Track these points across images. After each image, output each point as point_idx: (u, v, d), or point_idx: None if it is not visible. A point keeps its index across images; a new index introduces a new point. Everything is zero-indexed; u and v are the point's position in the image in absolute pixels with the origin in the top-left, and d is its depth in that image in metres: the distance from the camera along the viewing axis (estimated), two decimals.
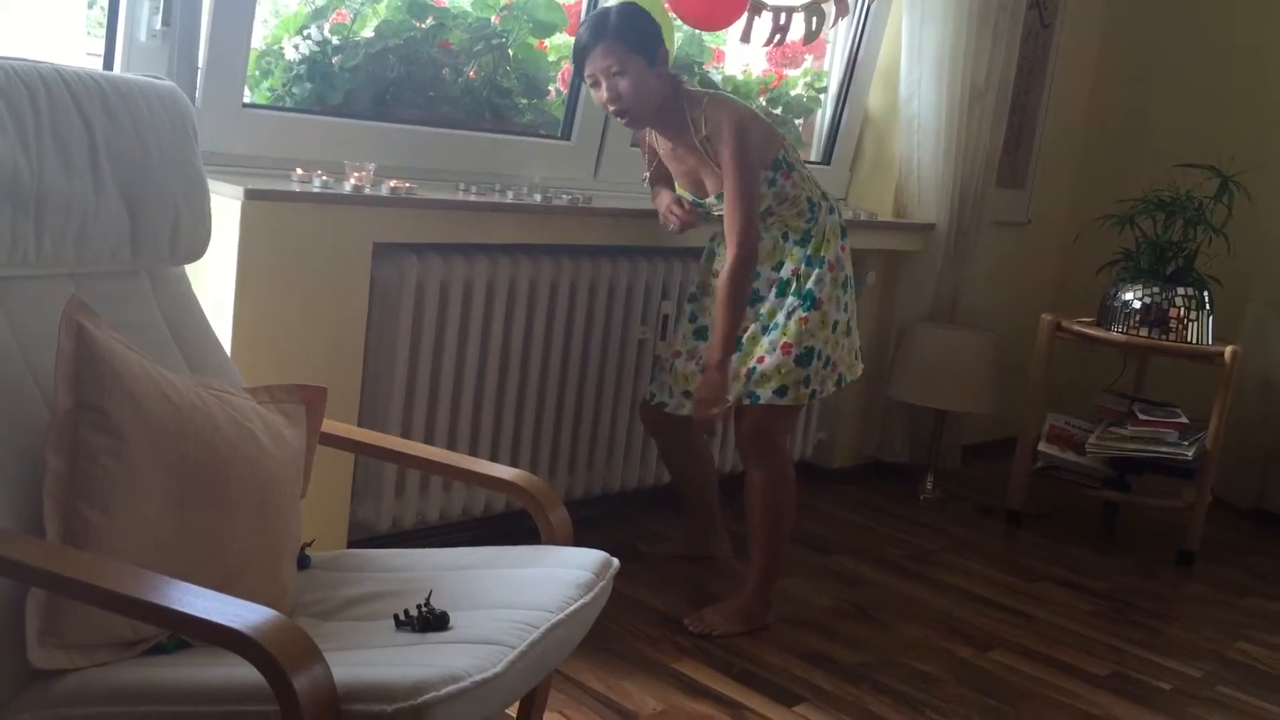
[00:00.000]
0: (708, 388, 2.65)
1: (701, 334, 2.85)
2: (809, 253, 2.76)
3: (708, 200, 2.79)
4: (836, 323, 2.78)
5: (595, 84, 2.62)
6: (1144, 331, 3.61)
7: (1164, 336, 3.59)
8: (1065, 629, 3.01)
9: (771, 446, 2.76)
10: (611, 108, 2.62)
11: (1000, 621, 3.01)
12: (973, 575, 3.32)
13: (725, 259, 2.68)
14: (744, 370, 2.73)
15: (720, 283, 2.68)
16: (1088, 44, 4.58)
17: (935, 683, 2.61)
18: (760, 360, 2.71)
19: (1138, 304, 3.63)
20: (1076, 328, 3.74)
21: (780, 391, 2.70)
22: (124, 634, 1.44)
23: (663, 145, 2.80)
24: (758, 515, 2.76)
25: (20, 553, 1.33)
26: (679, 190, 2.85)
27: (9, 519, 1.45)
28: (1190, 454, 3.57)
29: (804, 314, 2.72)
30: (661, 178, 2.90)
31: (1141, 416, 3.68)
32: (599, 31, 2.57)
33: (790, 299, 2.74)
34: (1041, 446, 3.79)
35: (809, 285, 2.74)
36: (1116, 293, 3.70)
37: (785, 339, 2.71)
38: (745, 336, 2.74)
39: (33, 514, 1.45)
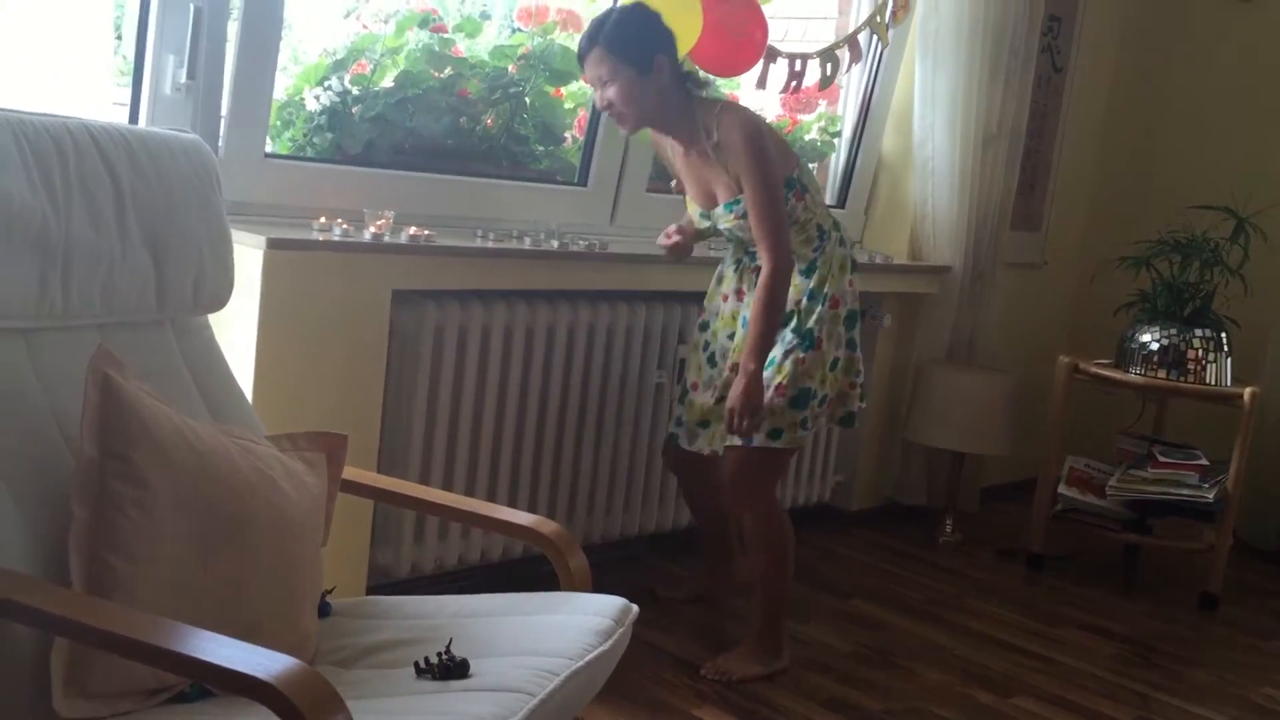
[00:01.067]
0: (738, 395, 2.56)
1: (713, 361, 2.83)
2: (812, 285, 2.70)
3: (715, 211, 2.70)
4: (836, 360, 2.72)
5: (594, 86, 2.62)
6: (1162, 373, 3.60)
7: (1182, 378, 3.58)
8: (1088, 674, 2.99)
9: (760, 489, 2.71)
10: (605, 113, 2.63)
11: (1022, 666, 2.99)
12: (993, 619, 3.30)
13: (760, 271, 2.60)
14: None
15: (757, 291, 2.59)
16: (1100, 87, 4.61)
17: None
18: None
19: (1155, 345, 3.62)
20: (1094, 369, 3.73)
21: (774, 434, 2.63)
22: (148, 683, 1.45)
23: (676, 153, 2.74)
24: (756, 558, 2.73)
25: (46, 602, 1.34)
26: (690, 206, 2.80)
27: (34, 566, 1.46)
28: (1211, 496, 3.55)
29: (801, 354, 2.65)
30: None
31: (1161, 459, 3.67)
32: (593, 38, 2.57)
33: (788, 334, 2.67)
34: (1061, 489, 3.78)
35: (809, 323, 2.67)
36: (1134, 334, 3.69)
37: (780, 379, 2.63)
38: (736, 351, 2.72)
39: (57, 562, 1.46)
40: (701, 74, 2.76)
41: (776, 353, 2.66)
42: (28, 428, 1.56)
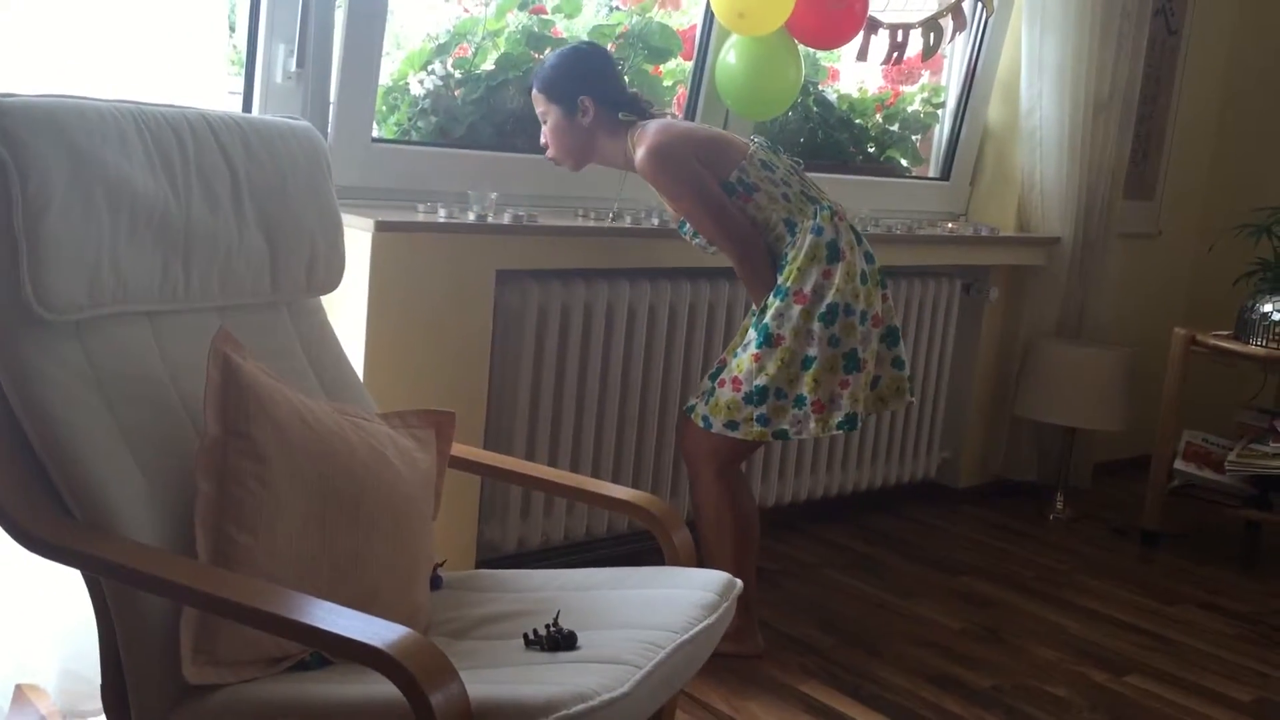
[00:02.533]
0: None
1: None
2: (779, 281, 2.52)
3: (686, 226, 2.64)
4: (810, 358, 2.47)
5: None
6: None
7: None
8: (1206, 653, 2.91)
9: (713, 465, 2.57)
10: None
11: (1137, 645, 2.92)
12: (1107, 597, 3.23)
13: None
14: (710, 386, 2.58)
15: None
16: (1217, 49, 4.44)
17: (1069, 708, 2.55)
18: (721, 384, 2.54)
19: (1278, 316, 3.49)
20: (1213, 341, 3.62)
21: (731, 425, 2.50)
22: (270, 651, 1.51)
23: None
24: (702, 531, 2.60)
25: (175, 573, 1.40)
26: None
27: (164, 540, 1.53)
28: None
29: (755, 350, 2.49)
30: None
31: None
32: (532, 79, 2.62)
33: (751, 331, 2.54)
34: (1178, 464, 3.67)
35: (766, 319, 2.50)
36: (1255, 305, 3.57)
37: (736, 373, 2.51)
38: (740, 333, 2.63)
39: (184, 535, 1.52)
40: (645, 99, 2.65)
41: (740, 349, 2.56)
42: (155, 407, 1.63)
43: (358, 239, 2.35)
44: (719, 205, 2.52)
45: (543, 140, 2.62)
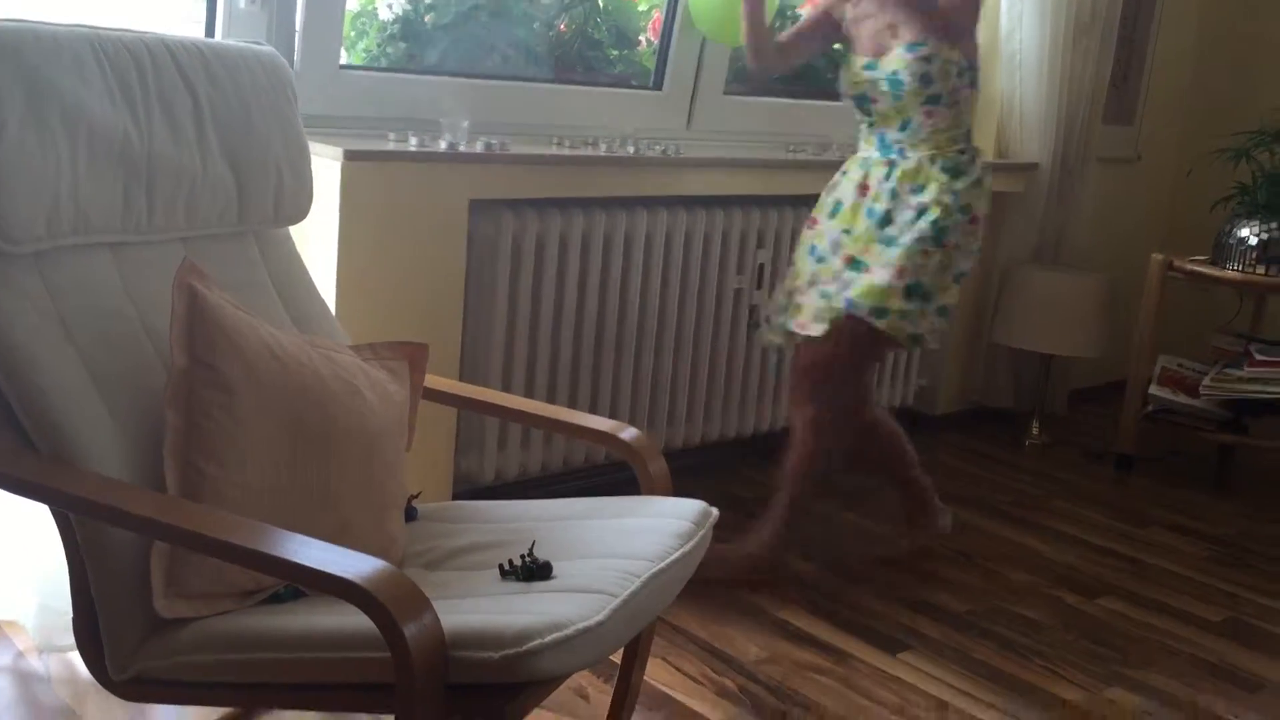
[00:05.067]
0: None
1: (821, 259, 2.63)
2: (959, 188, 2.53)
3: (887, 57, 2.52)
4: (961, 274, 2.58)
5: None
6: (1261, 269, 3.48)
7: None
8: (1177, 575, 2.95)
9: (835, 376, 2.56)
10: None
11: (1110, 568, 2.96)
12: (1081, 521, 3.26)
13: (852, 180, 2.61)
14: (845, 276, 2.54)
15: None
16: None
17: (1042, 630, 2.58)
18: (869, 271, 2.51)
19: (1254, 240, 3.49)
20: (1189, 266, 3.62)
21: (878, 313, 2.48)
22: (243, 584, 1.50)
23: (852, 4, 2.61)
24: (793, 454, 2.61)
25: (144, 507, 1.38)
26: (855, 60, 2.59)
27: (131, 473, 1.52)
28: None
29: (930, 248, 2.50)
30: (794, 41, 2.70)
31: (1258, 357, 3.56)
32: None
33: (923, 223, 2.50)
34: (1153, 389, 3.70)
35: (934, 215, 2.50)
36: (1232, 229, 3.57)
37: (901, 263, 2.48)
38: (852, 241, 2.58)
39: (153, 469, 1.51)
40: None
41: (904, 236, 2.51)
42: (119, 340, 1.60)
43: (327, 168, 2.31)
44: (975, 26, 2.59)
45: None
